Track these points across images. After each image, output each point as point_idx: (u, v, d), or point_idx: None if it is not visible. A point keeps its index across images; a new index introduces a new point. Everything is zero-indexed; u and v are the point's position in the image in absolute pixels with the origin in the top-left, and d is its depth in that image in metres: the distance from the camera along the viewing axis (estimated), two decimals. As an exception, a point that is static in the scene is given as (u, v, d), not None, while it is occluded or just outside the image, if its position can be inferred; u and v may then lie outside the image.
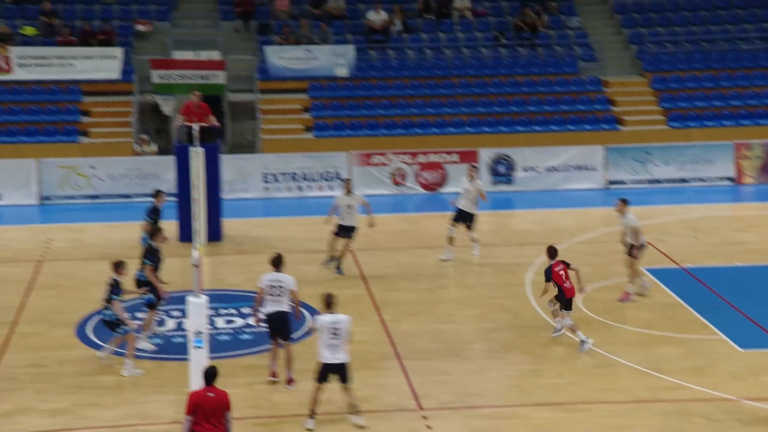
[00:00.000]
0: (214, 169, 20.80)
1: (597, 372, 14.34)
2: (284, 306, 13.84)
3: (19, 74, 27.90)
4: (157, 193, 18.81)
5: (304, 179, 25.85)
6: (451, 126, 28.59)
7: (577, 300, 15.91)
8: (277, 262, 14.03)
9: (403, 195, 26.32)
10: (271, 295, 13.84)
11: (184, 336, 15.19)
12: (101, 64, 28.19)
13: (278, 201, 25.47)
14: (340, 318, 12.62)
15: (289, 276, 13.95)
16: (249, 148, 28.81)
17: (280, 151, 26.60)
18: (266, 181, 25.94)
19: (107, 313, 14.33)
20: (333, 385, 12.65)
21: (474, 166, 20.93)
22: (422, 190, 26.46)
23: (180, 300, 16.36)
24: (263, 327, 14.19)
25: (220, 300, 17.20)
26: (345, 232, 18.82)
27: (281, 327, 13.86)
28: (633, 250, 17.21)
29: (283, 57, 29.30)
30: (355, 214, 18.84)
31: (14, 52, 27.84)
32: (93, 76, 28.19)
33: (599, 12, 33.00)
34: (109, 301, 14.27)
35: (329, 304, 12.73)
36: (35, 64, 27.98)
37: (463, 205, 19.81)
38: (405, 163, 26.49)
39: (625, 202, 17.44)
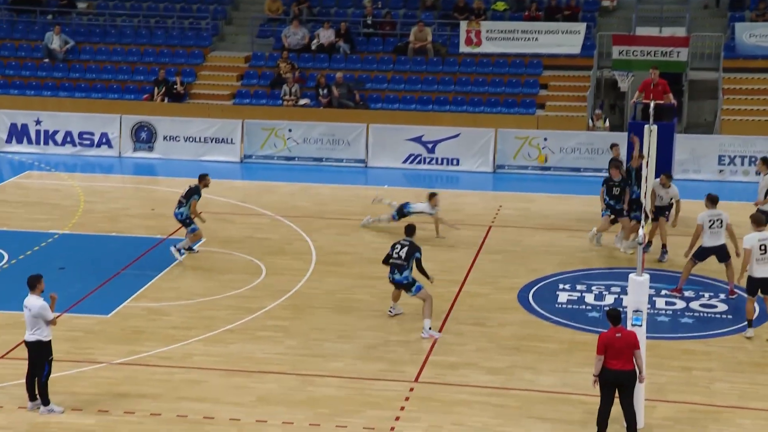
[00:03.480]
0: (667, 148, 20.35)
1: None
2: (722, 239, 15.84)
3: (486, 47, 29.21)
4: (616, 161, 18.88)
5: (752, 164, 24.28)
6: None
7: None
8: (714, 200, 15.90)
9: None
10: (711, 228, 15.78)
11: (624, 312, 15.12)
12: (564, 39, 28.64)
13: (732, 184, 24.24)
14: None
15: (725, 212, 15.85)
16: (706, 128, 27.76)
17: (739, 134, 25.30)
18: (721, 163, 24.85)
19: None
20: None
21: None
22: None
23: (621, 276, 16.32)
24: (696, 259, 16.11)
25: (663, 281, 16.85)
26: None
27: (722, 254, 15.95)
28: None
29: (754, 35, 27.76)
30: None
31: (485, 26, 29.25)
32: (555, 51, 28.75)
33: None
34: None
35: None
36: (501, 38, 29.13)
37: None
38: None
39: None
